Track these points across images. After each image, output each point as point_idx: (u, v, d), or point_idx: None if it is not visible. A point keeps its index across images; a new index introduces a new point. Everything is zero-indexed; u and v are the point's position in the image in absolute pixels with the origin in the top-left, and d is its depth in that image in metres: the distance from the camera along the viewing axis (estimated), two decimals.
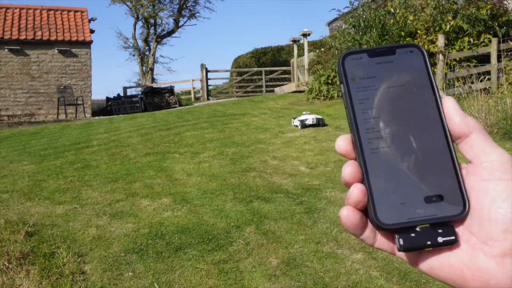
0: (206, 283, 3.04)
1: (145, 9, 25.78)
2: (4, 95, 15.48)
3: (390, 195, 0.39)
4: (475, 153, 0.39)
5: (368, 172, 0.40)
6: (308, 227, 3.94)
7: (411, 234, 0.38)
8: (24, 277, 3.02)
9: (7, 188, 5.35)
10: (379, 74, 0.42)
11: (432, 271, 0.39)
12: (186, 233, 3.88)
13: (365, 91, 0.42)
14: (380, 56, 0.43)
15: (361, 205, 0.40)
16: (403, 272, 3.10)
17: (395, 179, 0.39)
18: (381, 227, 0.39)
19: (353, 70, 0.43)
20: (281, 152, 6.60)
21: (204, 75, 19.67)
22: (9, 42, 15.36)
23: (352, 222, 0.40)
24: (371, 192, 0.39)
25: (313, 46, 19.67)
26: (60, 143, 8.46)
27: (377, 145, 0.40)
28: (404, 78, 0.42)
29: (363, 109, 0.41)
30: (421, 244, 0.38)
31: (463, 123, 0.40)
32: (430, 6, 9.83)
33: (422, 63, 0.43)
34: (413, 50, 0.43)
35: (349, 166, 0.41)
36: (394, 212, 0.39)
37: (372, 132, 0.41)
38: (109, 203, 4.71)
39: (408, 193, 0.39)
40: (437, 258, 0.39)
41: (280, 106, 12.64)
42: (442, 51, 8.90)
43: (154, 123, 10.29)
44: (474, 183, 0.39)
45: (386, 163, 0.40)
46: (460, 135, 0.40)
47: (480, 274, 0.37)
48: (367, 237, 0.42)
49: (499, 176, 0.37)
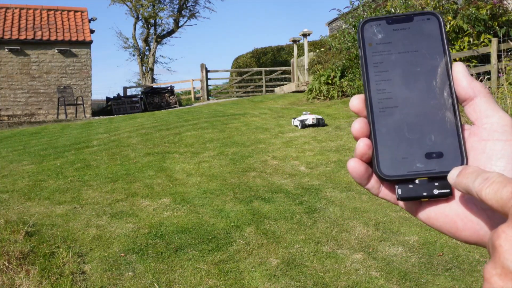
0: (206, 283, 3.04)
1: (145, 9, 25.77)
2: (4, 95, 15.48)
3: (393, 150, 0.43)
4: (478, 115, 0.41)
5: (375, 129, 0.43)
6: (308, 227, 3.94)
7: (409, 185, 0.42)
8: (24, 277, 3.02)
9: (7, 188, 5.35)
10: (395, 40, 0.45)
11: (429, 220, 0.42)
12: (186, 233, 3.88)
13: (380, 56, 0.45)
14: (398, 23, 0.45)
15: (366, 157, 0.43)
16: (403, 272, 3.10)
17: (399, 136, 0.43)
18: (383, 178, 0.43)
19: (370, 36, 0.46)
20: (281, 152, 6.60)
21: (204, 75, 19.67)
22: (9, 42, 15.36)
23: (358, 172, 0.44)
24: (376, 146, 0.43)
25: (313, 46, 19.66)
26: (60, 143, 8.46)
27: (386, 105, 0.44)
28: (418, 44, 0.45)
29: (377, 72, 0.45)
30: (417, 195, 0.41)
31: (469, 87, 0.42)
32: (430, 6, 9.83)
33: (437, 31, 0.45)
34: (430, 17, 0.45)
35: (358, 122, 0.44)
36: (396, 165, 0.42)
37: (382, 93, 0.44)
38: (109, 203, 4.71)
39: (410, 149, 0.43)
40: (433, 209, 0.42)
41: (280, 106, 12.64)
42: None
43: (154, 123, 10.29)
44: (474, 143, 0.41)
45: (392, 122, 0.43)
46: (466, 98, 0.42)
47: (471, 225, 0.40)
48: (372, 187, 0.45)
49: (497, 137, 0.40)
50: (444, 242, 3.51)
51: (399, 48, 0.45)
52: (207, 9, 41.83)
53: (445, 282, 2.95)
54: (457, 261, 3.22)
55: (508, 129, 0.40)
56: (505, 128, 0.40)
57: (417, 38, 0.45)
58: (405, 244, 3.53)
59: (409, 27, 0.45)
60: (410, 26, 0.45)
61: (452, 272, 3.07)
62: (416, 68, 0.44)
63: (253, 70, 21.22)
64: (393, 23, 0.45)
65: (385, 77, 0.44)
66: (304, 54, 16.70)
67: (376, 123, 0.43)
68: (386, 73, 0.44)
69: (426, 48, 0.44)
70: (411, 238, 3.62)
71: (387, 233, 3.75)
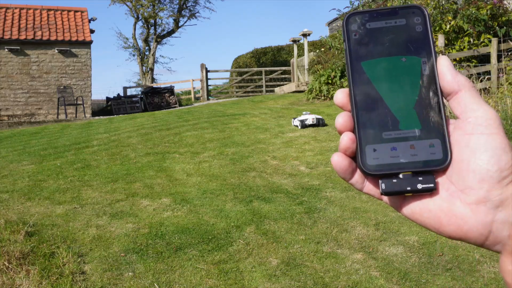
0: (206, 283, 3.04)
1: (145, 9, 25.76)
2: (4, 95, 15.48)
3: (377, 144, 0.42)
4: (462, 109, 0.42)
5: (359, 123, 0.43)
6: (308, 227, 3.94)
7: (393, 180, 0.42)
8: (24, 277, 3.02)
9: (7, 188, 5.35)
10: (380, 33, 0.45)
11: (413, 215, 0.42)
12: (186, 233, 3.88)
13: (365, 48, 0.45)
14: (383, 16, 0.45)
15: (350, 152, 0.43)
16: (403, 272, 3.10)
17: (383, 130, 0.43)
18: (367, 173, 0.42)
19: (355, 30, 0.45)
20: (281, 152, 6.60)
21: (204, 75, 19.67)
22: (9, 42, 15.36)
23: (341, 166, 0.43)
24: (360, 141, 0.43)
25: (313, 46, 19.66)
26: (60, 143, 8.46)
27: (370, 99, 0.43)
28: (403, 38, 0.44)
29: (360, 65, 0.44)
30: (401, 189, 0.41)
31: (454, 81, 0.42)
32: (430, 6, 9.83)
33: (423, 24, 0.45)
34: (415, 11, 0.45)
35: (342, 116, 0.44)
36: (379, 160, 0.42)
37: (366, 87, 0.44)
38: (109, 203, 4.71)
39: (394, 143, 0.42)
40: (418, 204, 0.42)
41: (280, 106, 12.64)
42: (442, 51, 8.89)
43: (154, 123, 10.29)
44: (458, 137, 0.41)
45: (376, 116, 0.43)
46: (450, 92, 0.42)
47: (455, 220, 0.40)
48: (356, 182, 0.45)
49: (481, 131, 0.40)
50: (444, 242, 3.51)
51: (384, 42, 0.44)
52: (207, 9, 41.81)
53: (445, 282, 2.95)
54: (457, 261, 3.22)
55: (492, 123, 0.40)
56: (489, 122, 0.40)
57: (402, 32, 0.44)
58: (405, 244, 3.53)
59: (394, 21, 0.45)
60: (395, 20, 0.45)
61: (452, 272, 3.07)
62: (400, 62, 0.44)
63: (253, 70, 21.21)
64: (378, 17, 0.45)
65: (369, 71, 0.44)
66: (304, 54, 16.70)
67: (360, 117, 0.43)
68: (371, 67, 0.44)
69: (411, 42, 0.44)
70: (411, 238, 3.62)
71: (387, 233, 3.75)
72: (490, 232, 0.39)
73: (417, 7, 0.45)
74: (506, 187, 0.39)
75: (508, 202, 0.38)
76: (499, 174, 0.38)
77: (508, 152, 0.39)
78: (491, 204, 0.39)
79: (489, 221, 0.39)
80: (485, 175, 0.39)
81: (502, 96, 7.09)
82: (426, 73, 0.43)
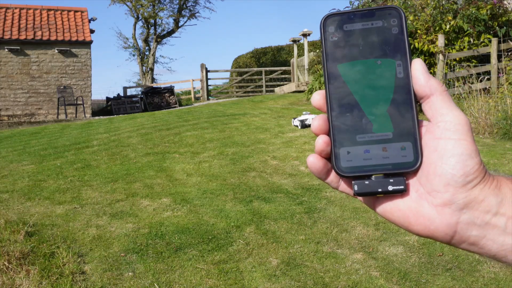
0: (206, 283, 3.04)
1: (145, 9, 25.76)
2: (4, 95, 15.48)
3: (350, 147, 0.44)
4: (433, 113, 0.43)
5: (334, 126, 0.44)
6: (308, 227, 3.94)
7: (365, 181, 0.43)
8: (24, 277, 3.02)
9: (7, 188, 5.35)
10: (356, 35, 0.45)
11: (385, 214, 0.44)
12: (186, 233, 3.88)
13: (341, 51, 0.45)
14: (360, 18, 0.45)
15: (325, 154, 0.45)
16: (403, 272, 3.10)
17: (357, 133, 0.44)
18: (340, 175, 0.44)
19: (332, 31, 0.45)
20: (281, 152, 6.60)
21: (204, 75, 19.66)
22: (9, 42, 15.36)
23: (316, 167, 0.45)
24: (334, 143, 0.44)
25: (313, 46, 19.66)
26: (60, 143, 8.46)
27: (345, 102, 0.44)
28: (379, 40, 0.44)
29: (336, 68, 0.45)
30: (373, 191, 0.43)
31: (426, 85, 0.43)
32: (430, 6, 9.82)
33: (399, 26, 0.44)
34: (391, 12, 0.45)
35: (317, 119, 0.45)
36: (352, 162, 0.43)
37: (341, 90, 0.44)
38: (109, 203, 4.71)
39: (367, 146, 0.43)
40: (389, 204, 0.44)
41: (280, 106, 12.64)
42: (442, 51, 8.89)
43: (154, 123, 10.29)
44: (428, 141, 0.43)
45: (351, 119, 0.44)
46: (423, 95, 0.43)
47: (422, 220, 0.42)
48: (331, 181, 0.46)
49: (449, 136, 0.41)
50: None
51: (360, 43, 0.44)
52: (207, 9, 41.81)
53: (445, 282, 2.95)
54: (457, 261, 3.22)
55: (460, 128, 0.41)
56: (457, 127, 0.41)
57: (378, 34, 0.44)
58: (405, 244, 3.53)
59: (371, 22, 0.45)
60: (372, 21, 0.45)
61: (452, 272, 3.08)
62: (376, 65, 0.44)
63: (253, 70, 21.21)
64: (355, 18, 0.45)
65: (344, 73, 0.44)
66: (304, 54, 16.70)
67: (334, 120, 0.44)
68: (346, 69, 0.44)
69: (387, 44, 0.44)
70: (411, 238, 3.62)
71: (387, 233, 3.75)
72: (455, 232, 0.41)
73: (394, 8, 0.45)
74: (471, 190, 0.40)
75: (473, 204, 0.40)
76: (464, 179, 0.40)
77: (474, 158, 0.40)
78: (456, 207, 0.40)
79: (453, 222, 0.41)
80: (451, 180, 0.40)
81: (502, 96, 7.09)
82: (400, 76, 0.43)
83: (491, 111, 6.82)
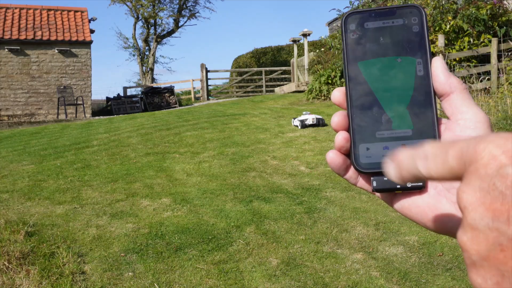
0: (206, 283, 3.04)
1: (145, 9, 25.76)
2: (4, 95, 15.48)
3: (370, 143, 0.44)
4: (453, 110, 0.42)
5: (354, 123, 0.44)
6: (308, 227, 3.94)
7: (384, 178, 0.43)
8: (24, 277, 3.02)
9: (7, 188, 5.35)
10: (377, 33, 0.45)
11: (403, 210, 0.44)
12: (186, 233, 3.88)
13: (362, 48, 0.45)
14: (381, 16, 0.46)
15: (344, 150, 0.45)
16: (403, 272, 3.10)
17: (376, 130, 0.44)
18: (359, 171, 0.44)
19: (353, 29, 0.46)
20: (281, 152, 6.60)
21: (204, 75, 19.67)
22: (9, 42, 15.36)
23: (336, 163, 0.46)
24: (354, 140, 0.44)
25: (313, 46, 19.66)
26: (60, 143, 8.46)
27: (365, 99, 0.45)
28: (400, 38, 0.45)
29: (357, 65, 0.45)
30: (392, 187, 0.43)
31: (447, 83, 0.43)
32: (430, 6, 9.82)
33: (420, 24, 0.45)
34: (413, 11, 0.45)
35: (337, 115, 0.45)
36: (371, 158, 0.44)
37: (361, 87, 0.45)
38: (109, 203, 4.71)
39: (386, 142, 0.44)
40: (407, 200, 0.44)
41: (280, 106, 12.64)
42: (442, 51, 8.89)
43: (154, 123, 10.29)
44: (447, 138, 0.43)
45: (371, 115, 0.44)
46: (443, 93, 0.43)
47: (440, 217, 0.42)
48: (350, 177, 0.47)
49: (469, 133, 0.41)
50: (444, 242, 3.51)
51: (381, 41, 0.45)
52: (207, 9, 41.82)
53: (445, 282, 2.95)
54: (457, 261, 3.22)
55: (480, 125, 0.41)
56: (477, 125, 0.41)
57: (399, 32, 0.45)
58: (405, 244, 3.53)
59: (392, 20, 0.45)
60: (393, 20, 0.45)
61: (452, 272, 3.07)
62: (396, 63, 0.44)
63: (253, 70, 21.21)
64: (376, 17, 0.46)
65: (365, 70, 0.45)
66: (304, 54, 16.70)
67: (354, 117, 0.44)
68: (367, 66, 0.45)
69: (407, 42, 0.45)
70: (411, 238, 3.62)
71: (387, 233, 3.75)
72: None
73: (415, 7, 0.45)
74: None
75: None
76: None
77: None
78: None
79: None
80: None
81: (502, 96, 7.09)
82: (420, 74, 0.44)
83: (491, 111, 6.82)
